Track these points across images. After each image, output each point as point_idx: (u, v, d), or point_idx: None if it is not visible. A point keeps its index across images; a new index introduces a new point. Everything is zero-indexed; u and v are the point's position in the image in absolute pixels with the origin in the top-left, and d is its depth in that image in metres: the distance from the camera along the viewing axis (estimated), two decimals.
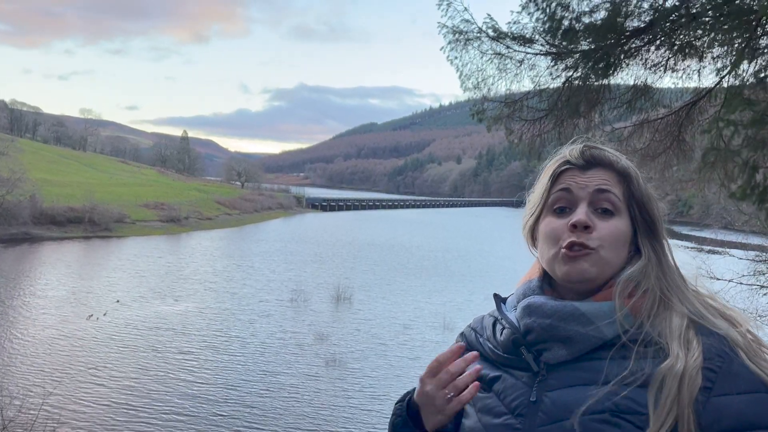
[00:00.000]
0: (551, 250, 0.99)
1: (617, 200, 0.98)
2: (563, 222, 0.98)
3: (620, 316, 0.92)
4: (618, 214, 0.98)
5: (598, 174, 1.00)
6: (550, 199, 1.02)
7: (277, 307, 20.57)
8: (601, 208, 0.98)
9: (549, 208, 1.02)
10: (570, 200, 1.00)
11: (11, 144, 44.63)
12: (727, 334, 0.89)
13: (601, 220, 0.97)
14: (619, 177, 1.00)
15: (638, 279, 0.95)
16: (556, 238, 0.99)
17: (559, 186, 1.01)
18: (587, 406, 0.87)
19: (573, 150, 1.03)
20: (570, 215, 0.98)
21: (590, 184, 0.99)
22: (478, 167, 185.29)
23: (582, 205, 0.98)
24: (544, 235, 1.01)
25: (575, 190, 1.00)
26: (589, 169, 1.01)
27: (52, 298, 20.21)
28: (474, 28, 4.84)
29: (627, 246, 0.99)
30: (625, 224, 0.99)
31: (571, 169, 1.02)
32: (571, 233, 0.97)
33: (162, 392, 12.30)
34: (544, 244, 1.02)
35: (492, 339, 1.05)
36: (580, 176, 1.00)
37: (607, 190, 0.98)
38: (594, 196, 0.98)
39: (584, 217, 0.96)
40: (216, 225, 50.30)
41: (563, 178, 1.02)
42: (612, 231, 0.97)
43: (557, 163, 1.04)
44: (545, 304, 0.97)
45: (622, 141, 5.18)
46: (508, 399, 0.97)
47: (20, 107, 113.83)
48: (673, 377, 0.84)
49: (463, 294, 24.26)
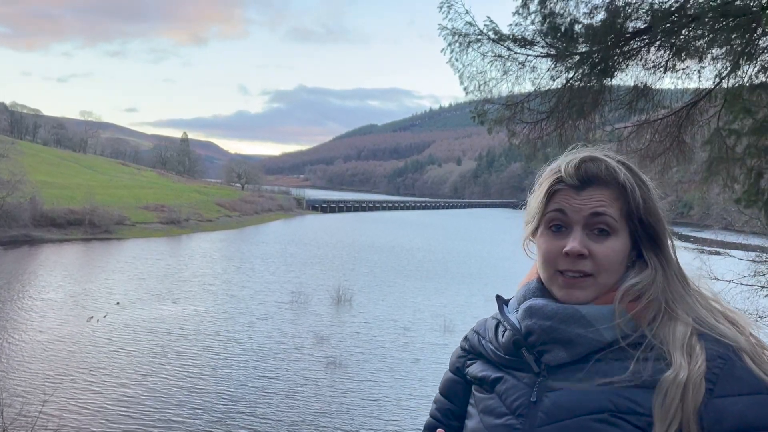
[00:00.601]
0: (547, 271, 1.00)
1: (613, 221, 0.96)
2: (559, 244, 0.97)
3: (621, 321, 0.92)
4: (615, 234, 0.96)
5: (593, 194, 0.97)
6: (546, 217, 1.01)
7: (277, 309, 20.55)
8: (597, 229, 0.96)
9: (545, 224, 1.01)
10: (565, 221, 0.99)
11: (11, 146, 44.58)
12: (727, 338, 0.89)
13: (597, 243, 0.96)
14: (617, 193, 0.97)
15: (642, 288, 0.95)
16: (551, 260, 0.98)
17: (554, 206, 1.00)
18: (587, 407, 0.88)
19: (568, 166, 0.99)
20: (565, 236, 0.97)
21: (585, 207, 0.97)
22: (478, 169, 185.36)
23: (576, 230, 0.97)
24: (541, 255, 1.01)
25: (570, 213, 0.98)
26: (584, 188, 0.98)
27: (52, 300, 20.20)
28: (475, 30, 4.84)
29: (625, 260, 0.98)
30: (623, 242, 0.97)
31: (566, 189, 0.99)
32: (565, 259, 0.96)
33: (162, 395, 12.29)
34: (540, 262, 1.01)
35: (494, 341, 1.06)
36: (575, 197, 0.98)
37: (602, 213, 0.96)
38: (589, 219, 0.96)
39: (578, 246, 0.95)
40: (216, 227, 50.30)
41: (558, 198, 1.00)
42: (608, 254, 0.95)
43: (552, 179, 1.01)
44: (546, 306, 0.98)
45: (622, 141, 5.18)
46: (510, 400, 0.98)
47: (20, 109, 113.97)
48: (677, 386, 0.85)
49: (464, 296, 24.25)
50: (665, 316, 0.93)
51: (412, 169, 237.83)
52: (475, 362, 1.09)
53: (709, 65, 4.39)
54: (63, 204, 40.61)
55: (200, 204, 55.58)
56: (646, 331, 0.92)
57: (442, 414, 1.15)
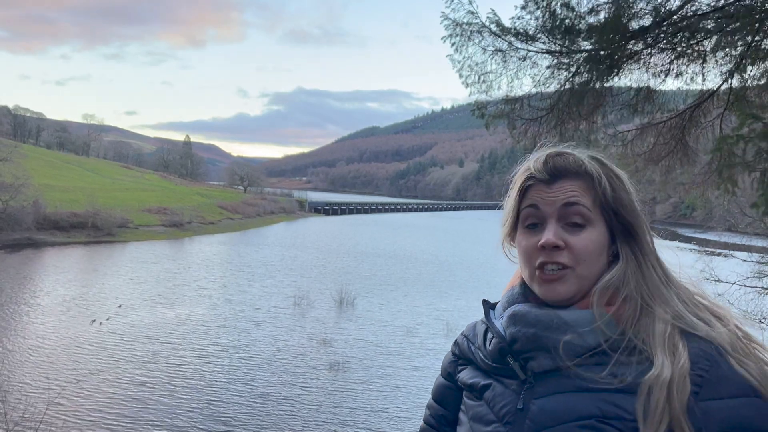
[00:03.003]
0: (526, 270, 1.00)
1: (587, 211, 0.96)
2: (535, 240, 0.98)
3: (601, 324, 0.91)
4: (590, 225, 0.96)
5: (564, 186, 0.97)
6: (521, 215, 1.01)
7: (279, 313, 20.55)
8: (571, 222, 0.96)
9: (521, 223, 1.02)
10: (539, 216, 0.99)
11: (14, 149, 44.70)
12: (708, 336, 0.88)
13: (573, 235, 0.95)
14: (588, 183, 0.97)
15: (616, 285, 0.94)
16: (528, 257, 0.99)
17: (527, 202, 1.00)
18: (573, 413, 0.88)
19: (537, 162, 1.00)
20: (541, 231, 0.98)
21: (557, 199, 0.97)
22: (480, 170, 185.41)
23: (551, 223, 0.97)
24: (519, 253, 1.02)
25: (542, 207, 0.98)
26: (554, 182, 0.98)
27: (55, 303, 20.22)
28: (477, 21, 4.79)
29: (605, 253, 0.97)
30: (600, 232, 0.97)
31: (537, 184, 0.99)
32: (541, 252, 0.96)
33: (163, 397, 12.28)
34: (520, 261, 1.02)
35: (482, 348, 1.06)
36: (546, 191, 0.98)
37: (574, 203, 0.96)
38: (562, 210, 0.96)
39: (552, 237, 0.95)
40: (219, 229, 50.33)
41: (530, 194, 1.00)
42: (585, 245, 0.95)
43: (523, 176, 1.02)
44: (529, 312, 0.98)
45: (626, 144, 5.16)
46: (497, 407, 0.98)
47: (23, 113, 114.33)
48: (660, 386, 0.84)
49: (468, 299, 24.21)
50: (642, 312, 0.92)
51: (414, 171, 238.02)
52: (466, 368, 1.09)
53: (713, 68, 4.37)
54: (66, 207, 40.69)
55: (202, 206, 55.65)
56: (628, 332, 0.91)
57: (435, 420, 1.15)
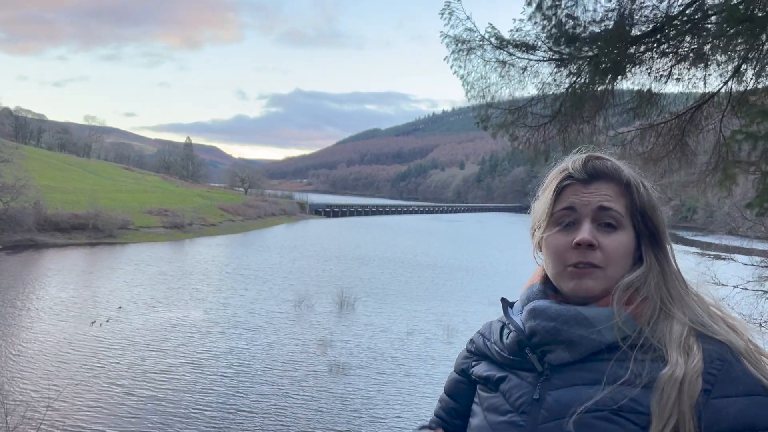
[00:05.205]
0: (557, 267, 1.02)
1: (620, 215, 1.00)
2: (568, 239, 1.00)
3: (620, 322, 0.95)
4: (621, 228, 1.00)
5: (600, 188, 1.01)
6: (554, 216, 1.04)
7: (279, 314, 20.54)
8: (605, 222, 1.00)
9: (554, 222, 1.04)
10: (574, 216, 1.02)
11: (16, 151, 44.82)
12: (728, 341, 0.91)
13: (605, 236, 0.99)
14: (622, 188, 1.01)
15: (637, 286, 0.98)
16: (561, 255, 1.01)
17: (562, 204, 1.03)
18: (588, 404, 0.90)
19: (575, 162, 1.03)
20: (574, 231, 1.00)
21: (593, 200, 1.00)
22: (481, 173, 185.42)
23: (585, 223, 1.00)
24: (550, 251, 1.03)
25: (578, 207, 1.01)
26: (591, 182, 1.02)
27: (56, 305, 20.23)
28: (477, 36, 4.84)
29: (631, 256, 1.01)
30: (629, 236, 1.01)
31: (574, 184, 1.03)
32: (575, 251, 0.99)
33: (164, 399, 12.28)
34: (549, 259, 1.04)
35: (498, 342, 1.09)
36: (583, 191, 1.02)
37: (609, 208, 1.00)
38: (597, 212, 1.00)
39: (588, 236, 0.98)
40: (219, 231, 50.34)
41: (566, 194, 1.03)
42: (616, 247, 0.99)
43: (560, 176, 1.04)
44: (549, 307, 1.01)
45: (626, 145, 5.17)
46: (513, 397, 1.01)
47: (25, 114, 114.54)
48: (673, 383, 0.87)
49: (468, 303, 24.19)
50: (661, 314, 0.96)
51: (415, 173, 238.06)
52: (480, 363, 1.12)
53: (714, 71, 4.38)
54: (67, 208, 40.74)
55: (203, 208, 55.67)
56: (645, 331, 0.94)
57: (446, 412, 1.18)
